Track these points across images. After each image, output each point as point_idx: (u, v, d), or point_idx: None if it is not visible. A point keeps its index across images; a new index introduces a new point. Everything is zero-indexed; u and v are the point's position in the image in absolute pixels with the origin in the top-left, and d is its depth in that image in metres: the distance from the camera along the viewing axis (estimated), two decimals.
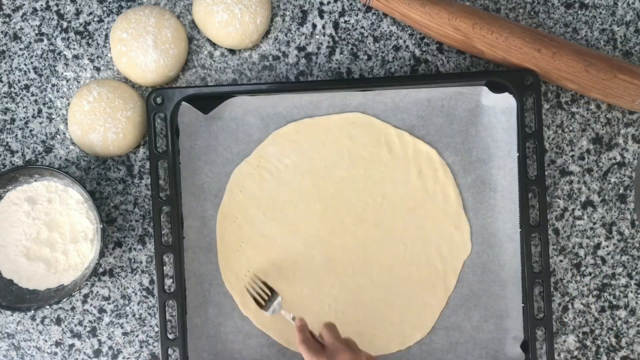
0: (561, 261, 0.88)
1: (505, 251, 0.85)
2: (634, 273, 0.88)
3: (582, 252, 0.88)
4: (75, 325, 0.88)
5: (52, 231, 0.84)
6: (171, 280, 0.87)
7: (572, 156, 0.88)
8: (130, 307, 0.88)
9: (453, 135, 0.86)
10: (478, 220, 0.86)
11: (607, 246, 0.88)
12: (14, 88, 0.89)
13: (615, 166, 0.88)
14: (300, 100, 0.85)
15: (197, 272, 0.86)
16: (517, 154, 0.84)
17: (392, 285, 0.85)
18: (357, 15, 0.88)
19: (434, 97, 0.85)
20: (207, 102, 0.85)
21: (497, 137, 0.85)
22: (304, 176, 0.86)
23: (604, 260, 0.88)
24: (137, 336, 0.88)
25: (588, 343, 0.88)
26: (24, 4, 0.88)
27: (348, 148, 0.86)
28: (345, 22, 0.88)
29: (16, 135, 0.88)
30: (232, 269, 0.86)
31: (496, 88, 0.84)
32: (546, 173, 0.88)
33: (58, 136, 0.88)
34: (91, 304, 0.88)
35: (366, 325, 0.86)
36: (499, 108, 0.84)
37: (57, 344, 0.88)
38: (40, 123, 0.88)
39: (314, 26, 0.89)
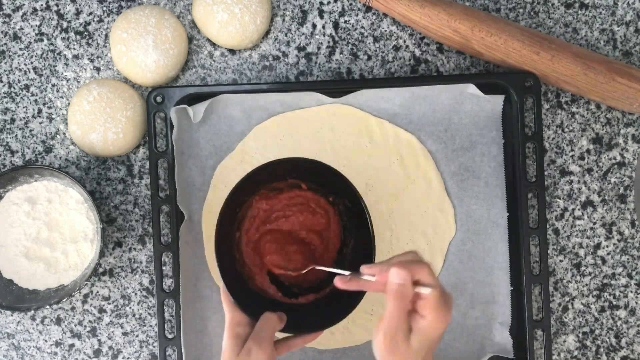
0: (561, 261, 0.88)
1: (490, 237, 0.85)
2: (634, 273, 0.88)
3: (582, 252, 0.88)
4: (75, 325, 0.88)
5: (52, 231, 0.84)
6: (170, 279, 0.87)
7: (572, 156, 0.88)
8: (130, 307, 0.88)
9: (435, 124, 0.86)
10: (462, 208, 0.86)
11: (607, 246, 0.88)
12: (14, 88, 0.89)
13: (615, 166, 0.88)
14: (283, 93, 0.85)
15: (186, 267, 0.86)
16: (503, 141, 0.85)
17: None
18: (357, 15, 0.88)
19: (417, 87, 0.85)
20: (197, 100, 0.85)
21: (480, 124, 0.85)
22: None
23: (604, 260, 0.88)
24: (137, 336, 0.88)
25: (588, 343, 0.88)
26: (24, 4, 0.88)
27: (330, 139, 0.86)
28: (345, 22, 0.88)
29: (16, 135, 0.88)
30: None
31: (486, 88, 0.84)
32: (546, 173, 0.88)
33: (58, 136, 0.88)
34: (91, 304, 0.88)
35: (359, 311, 0.85)
36: (483, 97, 0.84)
37: (57, 344, 0.88)
38: (40, 123, 0.88)
39: (314, 26, 0.89)
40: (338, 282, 0.68)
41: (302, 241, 0.80)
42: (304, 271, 0.77)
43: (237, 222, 0.80)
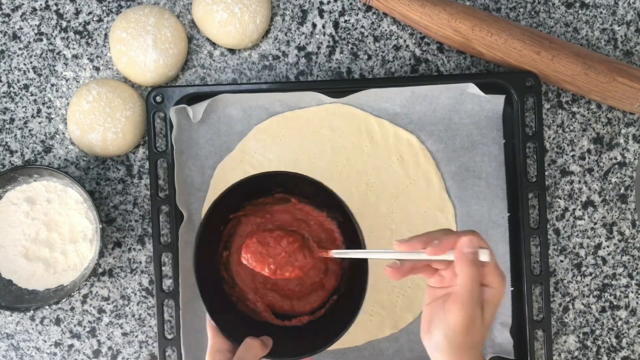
0: (562, 261, 0.88)
1: (490, 237, 0.85)
2: (634, 273, 0.88)
3: (582, 252, 0.88)
4: (75, 326, 0.88)
5: (51, 231, 0.84)
6: (170, 280, 0.87)
7: (573, 156, 0.88)
8: (129, 308, 0.88)
9: (436, 123, 0.86)
10: (463, 208, 0.86)
11: (608, 246, 0.88)
12: (13, 88, 0.88)
13: (616, 166, 0.88)
14: (283, 92, 0.85)
15: (186, 267, 0.85)
16: (504, 141, 0.85)
17: (381, 270, 0.85)
18: (357, 14, 0.88)
19: (418, 87, 0.85)
20: (197, 100, 0.84)
21: (481, 124, 0.85)
22: (287, 169, 0.85)
23: (604, 261, 0.88)
24: (136, 336, 0.88)
25: (589, 343, 0.88)
26: (23, 4, 0.88)
27: (330, 139, 0.86)
28: (345, 21, 0.88)
29: (15, 135, 0.88)
30: None
31: (487, 88, 0.84)
32: (547, 173, 0.88)
33: (57, 136, 0.88)
34: (90, 304, 0.88)
35: None
36: (484, 97, 0.84)
37: (57, 344, 0.88)
38: (40, 123, 0.88)
39: (314, 26, 0.88)
40: (391, 274, 0.63)
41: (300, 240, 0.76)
42: (332, 255, 0.72)
43: (224, 240, 0.78)
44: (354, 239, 0.72)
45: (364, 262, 0.72)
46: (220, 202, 0.73)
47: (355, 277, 0.73)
